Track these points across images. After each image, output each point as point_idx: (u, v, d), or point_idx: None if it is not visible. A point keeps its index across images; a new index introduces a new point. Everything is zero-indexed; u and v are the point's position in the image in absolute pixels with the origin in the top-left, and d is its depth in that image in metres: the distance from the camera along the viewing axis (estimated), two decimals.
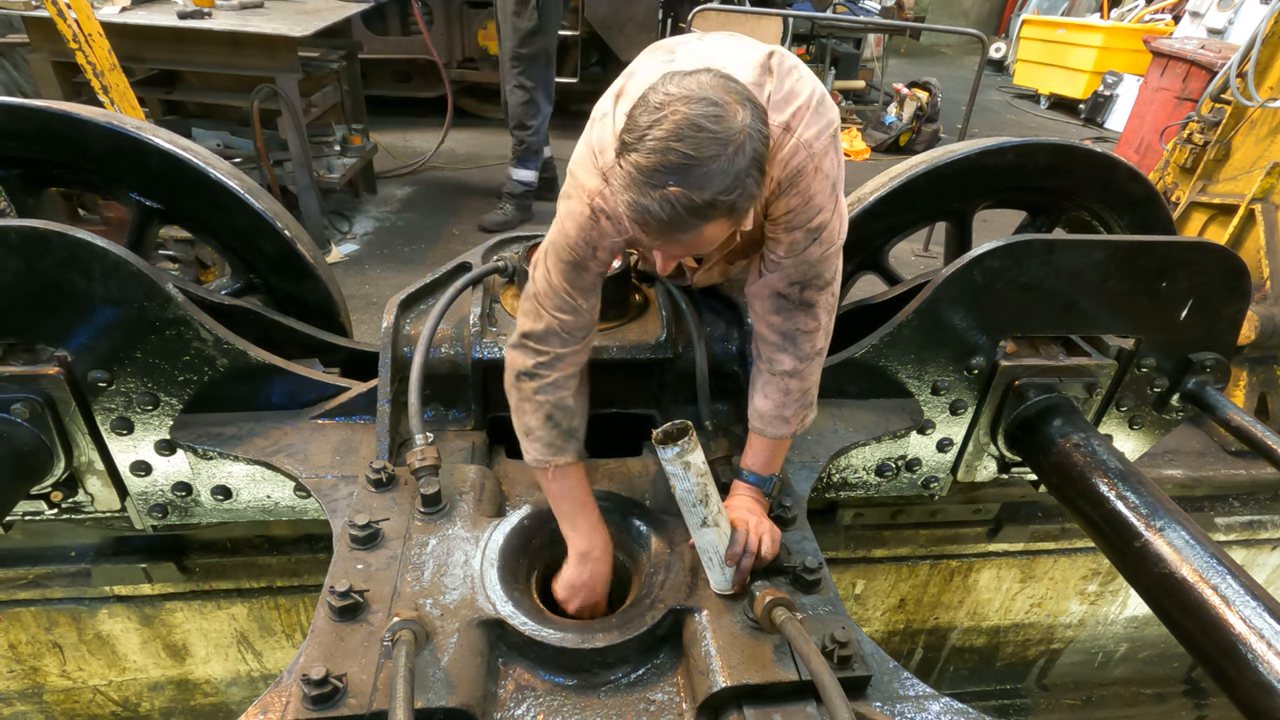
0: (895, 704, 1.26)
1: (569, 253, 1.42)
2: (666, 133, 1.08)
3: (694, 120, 1.08)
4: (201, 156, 1.93)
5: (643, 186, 1.10)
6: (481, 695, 1.21)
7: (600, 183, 1.36)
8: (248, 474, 1.84)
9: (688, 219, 1.12)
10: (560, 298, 1.45)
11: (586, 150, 1.39)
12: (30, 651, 2.65)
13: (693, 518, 1.35)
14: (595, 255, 1.43)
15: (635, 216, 1.14)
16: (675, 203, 1.09)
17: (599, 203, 1.37)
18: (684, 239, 1.18)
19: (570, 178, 1.43)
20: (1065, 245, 1.84)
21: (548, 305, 1.46)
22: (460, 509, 1.52)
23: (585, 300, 1.47)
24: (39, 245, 1.52)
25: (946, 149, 2.22)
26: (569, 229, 1.41)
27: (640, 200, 1.11)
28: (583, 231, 1.40)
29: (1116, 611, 3.47)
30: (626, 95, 1.36)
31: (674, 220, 1.11)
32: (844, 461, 2.08)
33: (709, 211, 1.12)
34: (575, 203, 1.41)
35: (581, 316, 1.48)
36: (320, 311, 2.19)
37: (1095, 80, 9.31)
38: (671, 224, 1.12)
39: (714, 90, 1.11)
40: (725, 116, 1.10)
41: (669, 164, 1.08)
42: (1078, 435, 1.96)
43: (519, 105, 5.29)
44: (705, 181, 1.09)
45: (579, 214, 1.40)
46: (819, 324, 1.51)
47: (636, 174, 1.11)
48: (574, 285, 1.45)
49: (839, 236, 1.48)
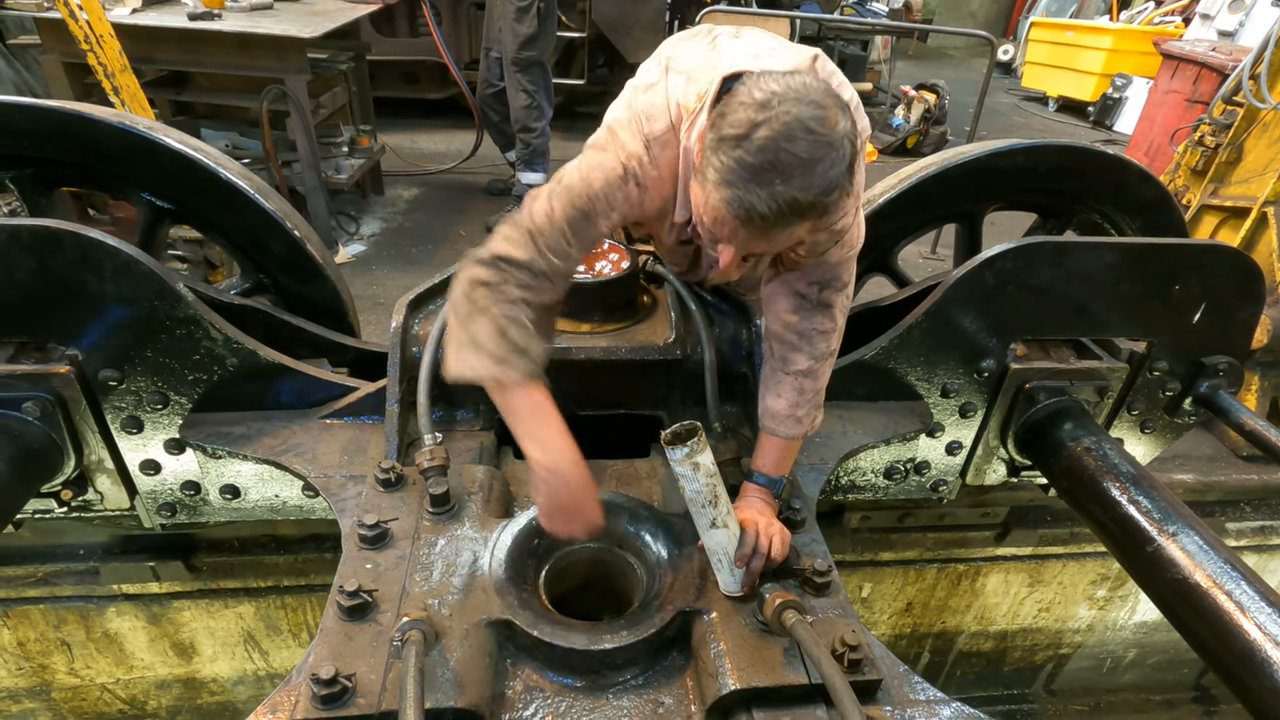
0: (906, 709, 1.25)
1: (585, 201, 1.38)
2: (776, 132, 1.09)
3: (805, 122, 1.09)
4: (212, 157, 1.94)
5: (748, 183, 1.10)
6: (490, 696, 1.21)
7: (641, 148, 1.36)
8: (256, 473, 1.84)
9: (790, 218, 1.13)
10: (557, 238, 1.39)
11: (630, 114, 1.40)
12: (39, 649, 2.66)
13: (702, 519, 1.34)
14: (608, 215, 1.41)
15: (737, 212, 1.13)
16: (781, 201, 1.10)
17: (634, 166, 1.37)
18: (776, 237, 1.19)
19: (607, 131, 1.43)
20: (1077, 247, 1.83)
21: (540, 240, 1.38)
22: (469, 509, 1.51)
23: (578, 251, 1.42)
24: (51, 244, 1.53)
25: (956, 150, 2.21)
26: (593, 179, 1.38)
27: (745, 196, 1.11)
28: (608, 187, 1.38)
29: (1125, 617, 3.44)
30: (675, 70, 1.37)
31: (777, 218, 1.12)
32: (852, 464, 2.07)
33: (809, 212, 1.13)
34: (609, 157, 1.39)
35: (569, 264, 1.42)
36: (329, 312, 2.20)
37: (1104, 83, 9.28)
38: (774, 222, 1.13)
39: (818, 94, 1.12)
40: (829, 120, 1.11)
41: (780, 163, 1.09)
42: (1089, 439, 1.94)
43: (522, 109, 5.32)
44: (812, 183, 1.10)
45: (610, 169, 1.38)
46: (834, 324, 1.51)
47: (741, 170, 1.11)
48: (575, 232, 1.40)
49: (858, 241, 1.50)
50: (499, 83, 5.46)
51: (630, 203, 1.40)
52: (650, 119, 1.37)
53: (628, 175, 1.38)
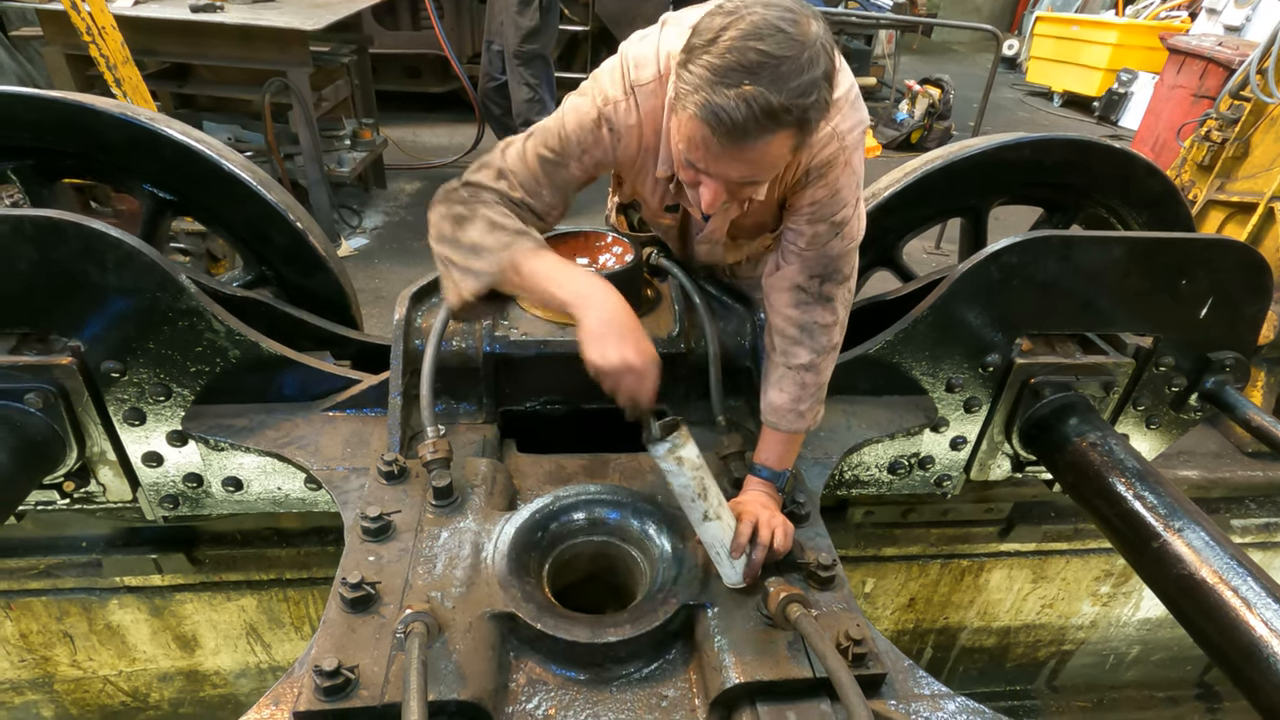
0: (911, 703, 1.25)
1: (557, 141, 1.39)
2: (743, 32, 1.06)
3: (773, 22, 1.07)
4: (214, 148, 1.93)
5: (716, 86, 1.07)
6: (493, 688, 1.21)
7: (622, 95, 1.36)
8: (259, 465, 1.84)
9: (762, 121, 1.08)
10: (528, 175, 1.40)
11: (618, 62, 1.39)
12: (41, 641, 2.66)
13: (694, 512, 1.34)
14: (579, 158, 1.41)
15: (706, 117, 1.09)
16: (752, 102, 1.06)
17: (609, 111, 1.37)
18: (749, 151, 1.13)
19: (591, 80, 1.43)
20: (1084, 241, 1.82)
21: (510, 177, 1.39)
22: (472, 502, 1.51)
23: (550, 195, 1.42)
24: (53, 235, 1.52)
25: (962, 144, 2.19)
26: (568, 121, 1.39)
27: (712, 100, 1.08)
28: (581, 130, 1.38)
29: (1129, 613, 3.43)
30: (672, 22, 1.37)
31: (747, 122, 1.08)
32: (856, 459, 2.07)
33: (782, 116, 1.09)
34: (586, 101, 1.40)
35: (542, 205, 1.42)
36: (331, 304, 2.19)
37: (1110, 78, 9.22)
38: (743, 128, 1.08)
39: (790, 3, 1.10)
40: (800, 22, 1.09)
41: (747, 62, 1.06)
42: (1094, 434, 1.93)
43: (524, 103, 5.30)
44: (782, 81, 1.07)
45: (584, 112, 1.38)
46: (836, 318, 1.50)
47: (709, 74, 1.08)
48: (546, 173, 1.40)
49: (859, 234, 1.49)
50: (501, 76, 5.44)
51: (603, 148, 1.40)
52: (639, 67, 1.36)
53: (601, 119, 1.37)
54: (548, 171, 1.41)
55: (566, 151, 1.40)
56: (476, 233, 1.34)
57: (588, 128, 1.39)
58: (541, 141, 1.41)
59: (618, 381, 1.24)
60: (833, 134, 1.32)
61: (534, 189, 1.41)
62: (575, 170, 1.43)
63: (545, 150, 1.40)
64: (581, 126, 1.39)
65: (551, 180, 1.42)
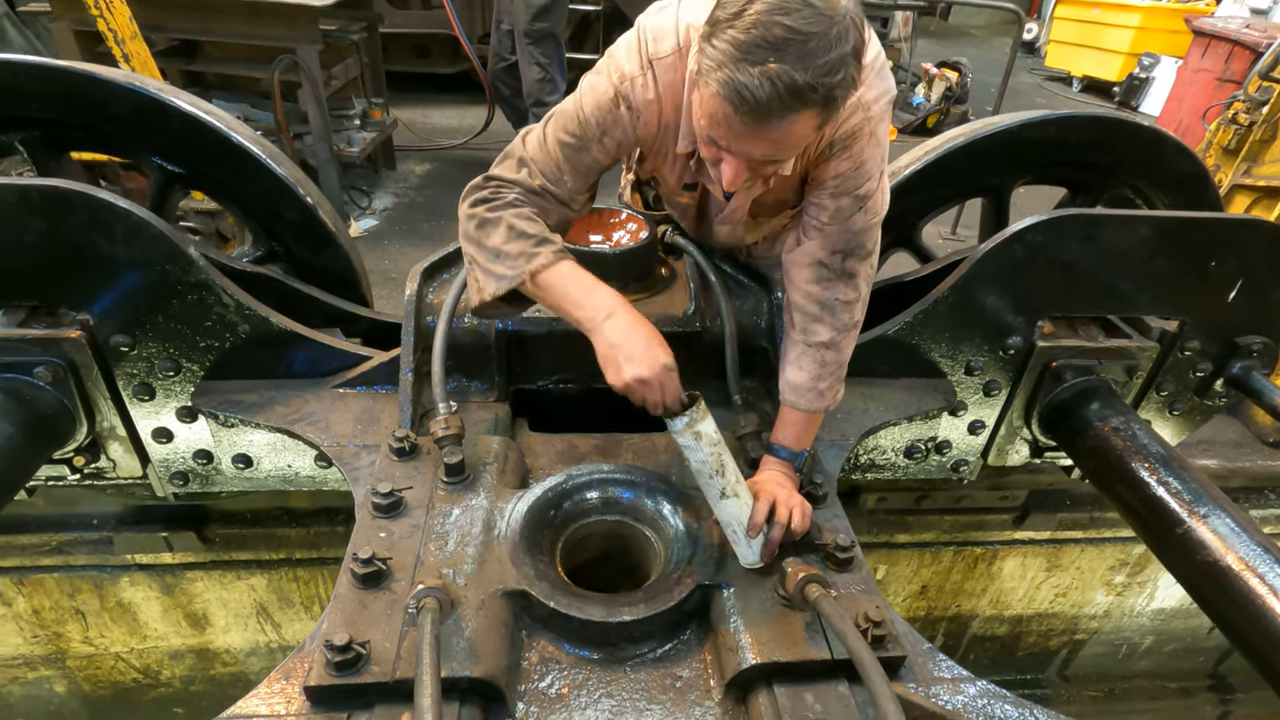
0: (930, 686, 1.22)
1: (576, 126, 1.36)
2: (770, 5, 1.02)
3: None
4: (223, 120, 1.90)
5: (739, 63, 1.03)
6: (506, 666, 1.19)
7: (639, 70, 1.32)
8: (269, 442, 1.82)
9: (786, 100, 1.04)
10: (549, 163, 1.37)
11: (635, 36, 1.35)
12: (54, 617, 2.67)
13: (711, 490, 1.31)
14: (600, 141, 1.37)
15: (729, 95, 1.05)
16: (776, 80, 1.02)
17: (626, 88, 1.33)
18: (773, 131, 1.10)
19: (607, 58, 1.39)
20: (1111, 220, 1.77)
21: (531, 165, 1.37)
22: (484, 480, 1.49)
23: (574, 181, 1.39)
24: (61, 206, 1.50)
25: (985, 122, 2.14)
26: (585, 103, 1.36)
27: (735, 78, 1.04)
28: (599, 111, 1.35)
29: (1144, 603, 3.40)
30: None
31: (771, 102, 1.04)
32: (872, 442, 2.03)
33: (808, 95, 1.04)
34: (602, 80, 1.36)
35: (561, 189, 1.39)
36: (341, 281, 2.17)
37: (1131, 62, 9.06)
38: (767, 107, 1.05)
39: None
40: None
41: (772, 38, 1.01)
42: (1117, 419, 1.89)
43: (535, 82, 5.24)
44: (809, 59, 1.02)
45: (601, 93, 1.35)
46: (858, 294, 1.47)
47: (733, 50, 1.04)
48: (567, 160, 1.37)
49: (883, 208, 1.45)
50: (510, 56, 5.38)
51: (622, 127, 1.36)
52: (657, 39, 1.32)
53: (618, 98, 1.34)
54: (568, 157, 1.37)
55: (586, 135, 1.37)
56: (498, 238, 1.33)
57: (605, 108, 1.35)
58: (561, 126, 1.38)
59: (637, 396, 1.27)
60: (858, 104, 1.28)
61: (555, 176, 1.38)
62: (597, 153, 1.39)
63: (565, 135, 1.37)
64: (599, 107, 1.35)
65: (574, 166, 1.39)
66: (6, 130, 1.84)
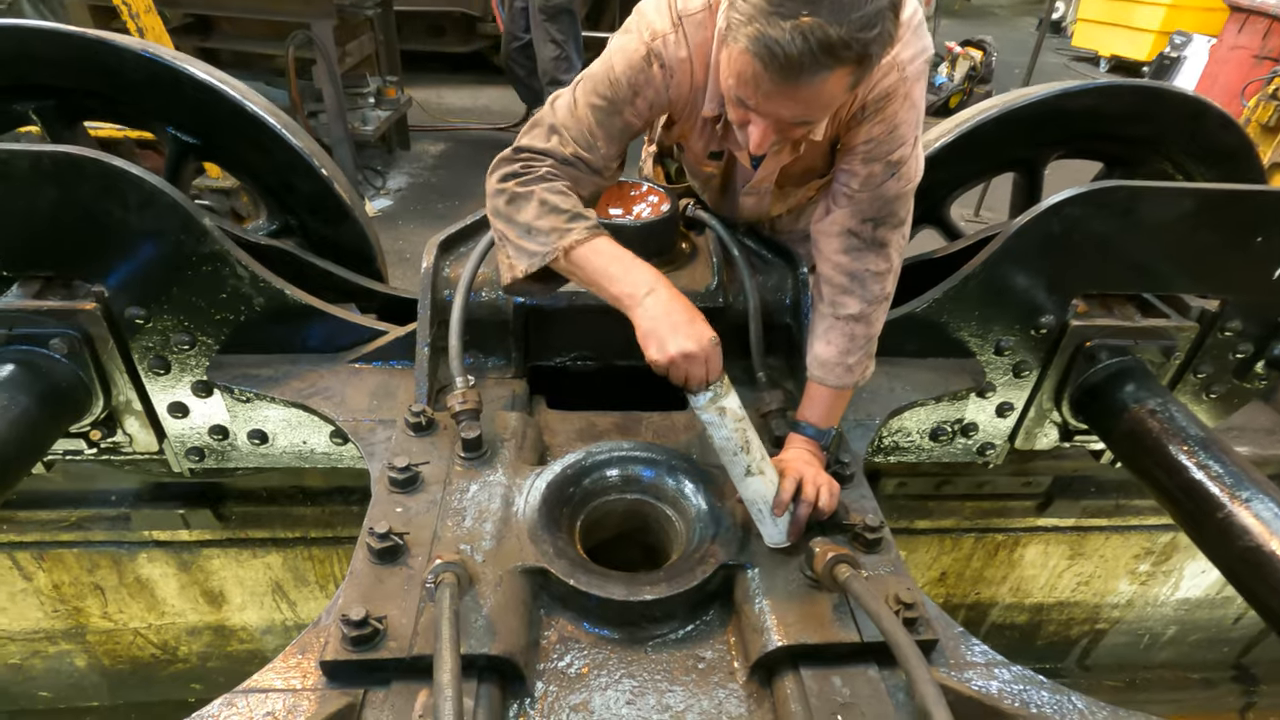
0: (964, 671, 1.18)
1: (607, 87, 1.31)
2: None
3: None
4: (238, 89, 1.87)
5: (770, 16, 0.98)
6: (525, 644, 1.16)
7: (670, 27, 1.26)
8: (284, 418, 1.80)
9: (819, 57, 0.99)
10: (581, 129, 1.32)
11: None
12: (73, 592, 2.69)
13: (735, 467, 1.27)
14: (632, 102, 1.32)
15: (758, 51, 1.01)
16: (808, 35, 0.97)
17: (658, 46, 1.28)
18: (804, 89, 1.04)
19: (636, 15, 1.33)
20: (1153, 193, 1.70)
21: (564, 133, 1.32)
22: (502, 456, 1.46)
23: (606, 146, 1.34)
24: (73, 172, 1.47)
25: (1019, 92, 2.06)
26: (615, 63, 1.31)
27: (766, 32, 0.99)
28: (630, 70, 1.30)
29: (1168, 593, 3.33)
30: None
31: (802, 58, 0.99)
32: (896, 424, 1.98)
33: (841, 52, 0.99)
34: (633, 38, 1.30)
35: (595, 155, 1.34)
36: (357, 256, 2.14)
37: (1162, 41, 8.81)
38: (799, 63, 0.99)
39: None
40: None
41: None
42: (1153, 400, 1.83)
43: (551, 60, 5.16)
44: (843, 12, 0.97)
45: (632, 51, 1.30)
46: (889, 265, 1.41)
47: (764, 3, 0.99)
48: (600, 125, 1.32)
49: (917, 175, 1.39)
50: (525, 35, 5.30)
51: (655, 87, 1.31)
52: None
53: (650, 55, 1.28)
54: (600, 121, 1.32)
55: (618, 96, 1.31)
56: (530, 213, 1.28)
57: (637, 67, 1.29)
58: (591, 89, 1.33)
59: (680, 372, 1.21)
60: (893, 64, 1.22)
61: (588, 142, 1.34)
62: (630, 116, 1.34)
63: (596, 98, 1.32)
64: (631, 66, 1.29)
65: (606, 131, 1.33)
66: (20, 99, 1.82)
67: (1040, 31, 4.93)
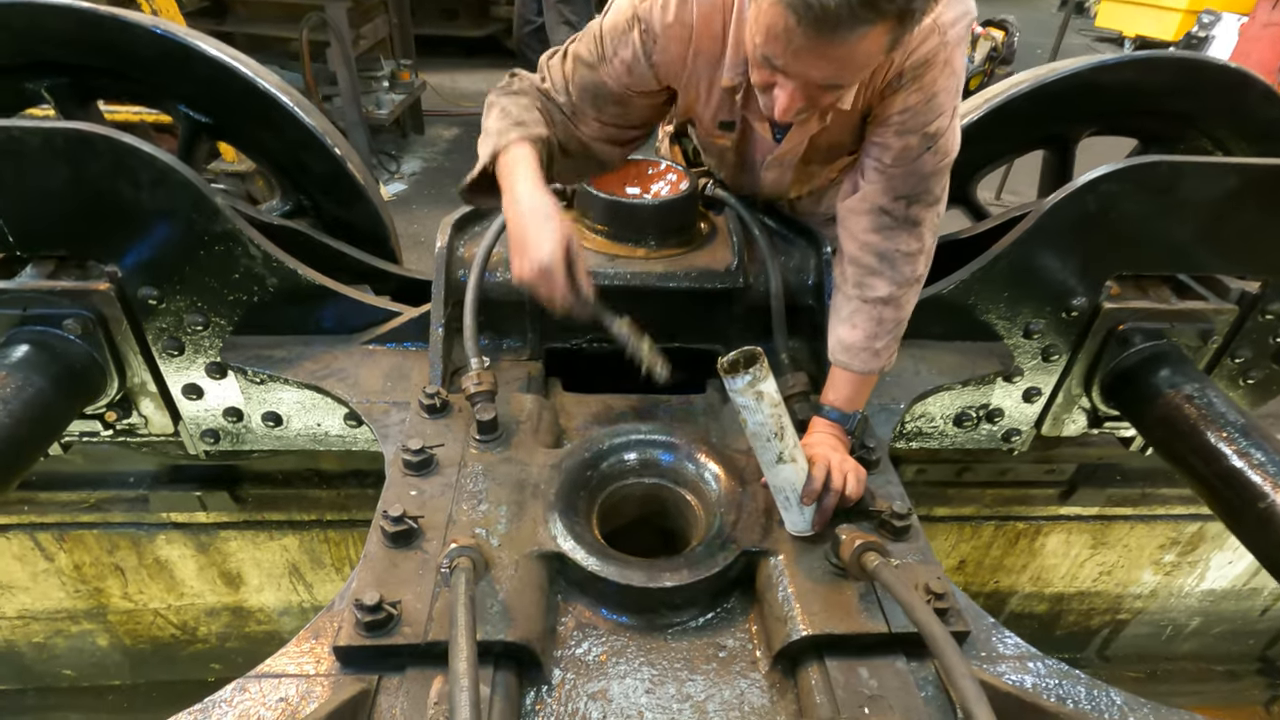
0: (996, 664, 1.14)
1: (592, 42, 1.35)
2: None
3: None
4: (250, 66, 1.83)
5: None
6: (542, 631, 1.14)
7: None
8: (298, 401, 1.78)
9: (857, 10, 0.91)
10: (559, 76, 1.39)
11: None
12: (94, 573, 2.71)
13: (767, 453, 1.22)
14: (610, 61, 1.34)
15: (794, 3, 0.93)
16: None
17: (645, 10, 1.27)
18: (838, 46, 0.96)
19: None
20: (1196, 169, 1.62)
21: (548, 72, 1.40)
22: (517, 438, 1.43)
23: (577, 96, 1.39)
24: (84, 149, 1.45)
25: (1052, 66, 1.99)
26: (605, 21, 1.34)
27: None
28: (614, 31, 1.31)
29: (1193, 584, 3.27)
30: None
31: (840, 9, 0.91)
32: (919, 409, 1.93)
33: (883, 5, 0.91)
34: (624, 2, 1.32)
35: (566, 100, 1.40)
36: (371, 237, 2.11)
37: (1189, 20, 8.56)
38: (836, 16, 0.91)
39: None
40: None
41: None
42: (1190, 386, 1.77)
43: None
44: None
45: (619, 12, 1.31)
46: (922, 245, 1.35)
47: None
48: (579, 75, 1.37)
49: (954, 148, 1.32)
50: (537, 19, 5.23)
51: (632, 50, 1.30)
52: None
53: (634, 19, 1.27)
54: (579, 73, 1.36)
55: (600, 53, 1.34)
56: (492, 119, 1.33)
57: (620, 29, 1.29)
58: (582, 43, 1.37)
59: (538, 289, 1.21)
60: (934, 26, 1.15)
61: (562, 85, 1.39)
62: (605, 76, 1.34)
63: (583, 50, 1.36)
64: (615, 27, 1.30)
65: (582, 85, 1.37)
66: (33, 77, 1.80)
67: (1065, 11, 4.79)
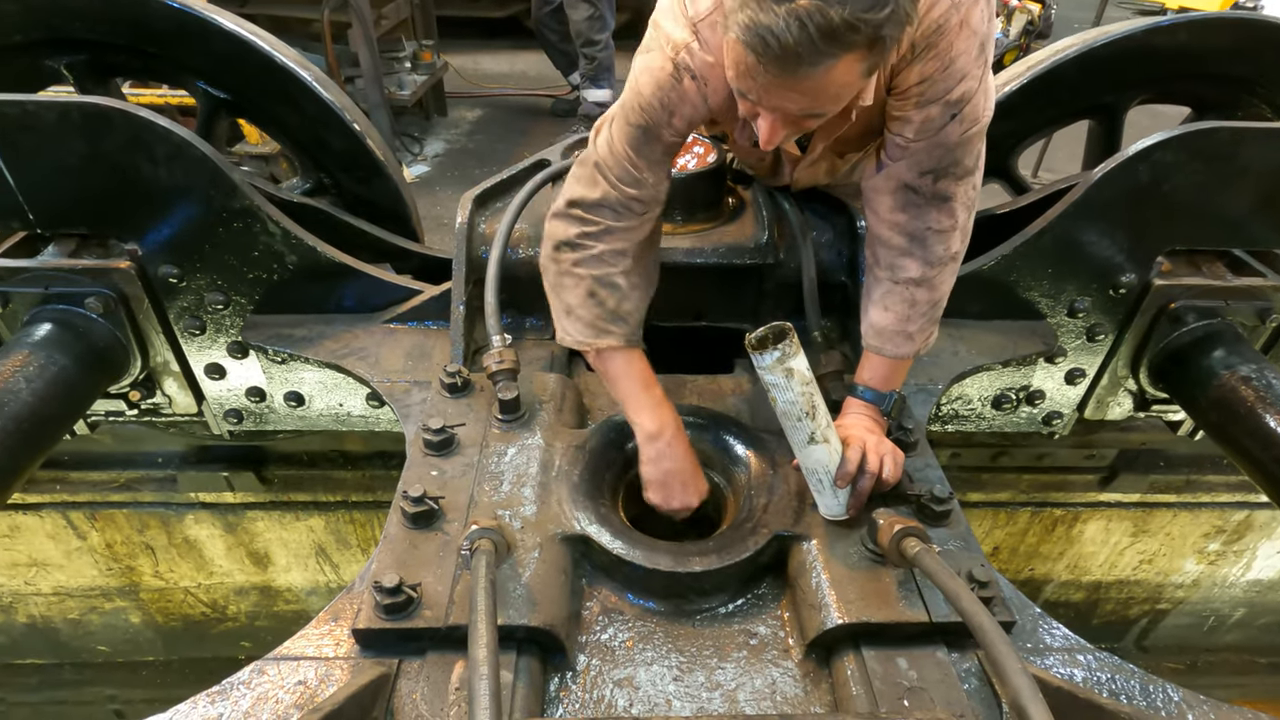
0: (1044, 656, 1.08)
1: (639, 115, 1.21)
2: None
3: None
4: (268, 40, 1.81)
5: (763, 0, 0.86)
6: (566, 616, 1.10)
7: (689, 35, 1.14)
8: (320, 380, 1.77)
9: (819, 45, 0.86)
10: (623, 167, 1.24)
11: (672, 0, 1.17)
12: (125, 551, 2.75)
13: (798, 434, 1.16)
14: (670, 122, 1.21)
15: (751, 41, 0.89)
16: (806, 20, 0.84)
17: (683, 58, 1.15)
18: (806, 81, 0.92)
19: (652, 29, 1.21)
20: (1259, 135, 1.52)
21: (608, 173, 1.26)
22: (540, 418, 1.39)
23: (652, 174, 1.26)
24: (102, 125, 1.43)
25: (1102, 29, 1.88)
26: (644, 86, 1.20)
27: (759, 19, 0.87)
28: (660, 91, 1.18)
29: (1239, 574, 3.15)
30: None
31: (799, 46, 0.86)
32: (956, 390, 1.86)
33: (847, 37, 0.86)
34: (655, 56, 1.19)
35: (645, 190, 1.27)
36: (391, 215, 2.08)
37: None
38: (796, 53, 0.87)
39: None
40: None
41: None
42: (1247, 367, 1.67)
43: (584, 20, 5.02)
44: None
45: (658, 70, 1.18)
46: (955, 221, 1.26)
47: None
48: (640, 155, 1.24)
49: (984, 113, 1.21)
50: None
51: (691, 101, 1.18)
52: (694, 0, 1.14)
53: (678, 70, 1.16)
54: (639, 149, 1.23)
55: (653, 121, 1.21)
56: (575, 297, 1.30)
57: (667, 85, 1.18)
58: (624, 119, 1.23)
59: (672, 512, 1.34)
60: None
61: (633, 178, 1.25)
62: (669, 137, 1.24)
63: (630, 128, 1.23)
64: (660, 86, 1.18)
65: (647, 158, 1.24)
66: (52, 54, 1.78)
67: None
